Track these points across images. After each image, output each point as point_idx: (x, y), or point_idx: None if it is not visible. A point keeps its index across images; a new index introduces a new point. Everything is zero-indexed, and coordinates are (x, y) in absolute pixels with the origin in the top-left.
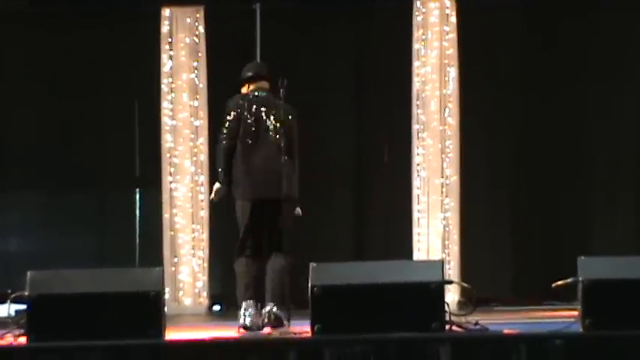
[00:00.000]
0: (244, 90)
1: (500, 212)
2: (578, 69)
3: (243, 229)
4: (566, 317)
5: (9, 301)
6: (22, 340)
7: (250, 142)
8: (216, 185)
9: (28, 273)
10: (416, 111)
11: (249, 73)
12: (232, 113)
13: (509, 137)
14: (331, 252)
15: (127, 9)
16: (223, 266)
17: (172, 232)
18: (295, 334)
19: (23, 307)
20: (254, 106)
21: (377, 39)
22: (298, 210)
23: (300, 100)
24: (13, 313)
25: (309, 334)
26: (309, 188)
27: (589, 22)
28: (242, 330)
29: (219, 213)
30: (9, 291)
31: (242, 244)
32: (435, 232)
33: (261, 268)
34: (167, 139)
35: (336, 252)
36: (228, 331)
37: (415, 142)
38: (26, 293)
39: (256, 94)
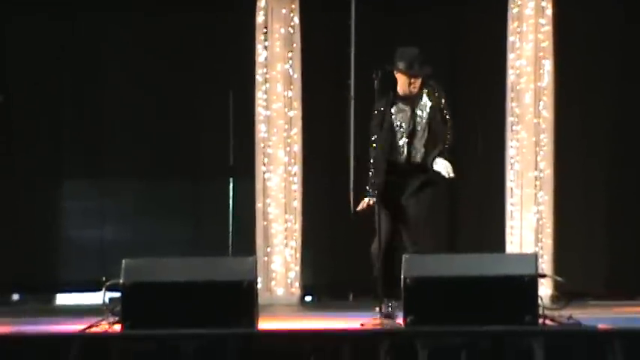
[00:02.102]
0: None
1: (595, 206)
2: None
3: None
4: None
5: (104, 288)
6: (117, 327)
7: None
8: None
9: (123, 261)
10: (510, 104)
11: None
12: None
13: (604, 130)
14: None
15: None
16: (316, 257)
17: (265, 222)
18: (388, 325)
19: (118, 294)
20: None
21: (472, 31)
22: None
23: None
24: (107, 301)
25: (402, 326)
26: None
27: None
28: None
29: (313, 204)
30: (104, 278)
31: None
32: (528, 225)
33: None
34: (261, 129)
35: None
36: (320, 322)
37: (509, 134)
38: (121, 281)
39: None
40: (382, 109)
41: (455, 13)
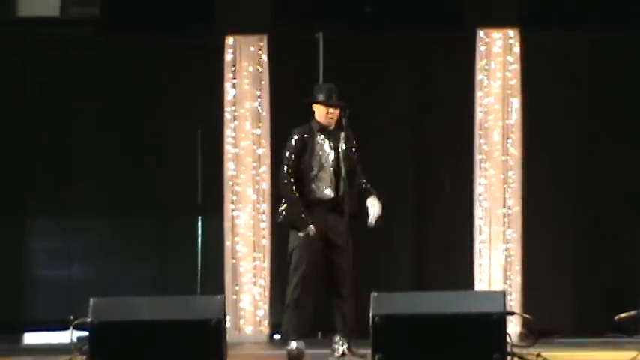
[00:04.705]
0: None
1: (563, 243)
2: None
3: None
4: (629, 350)
5: (71, 327)
6: None
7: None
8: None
9: (91, 300)
10: (478, 141)
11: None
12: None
13: (572, 168)
14: (392, 282)
15: (191, 37)
16: (284, 295)
17: (234, 260)
18: None
19: (85, 333)
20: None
21: (439, 68)
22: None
23: (361, 129)
24: (75, 340)
25: None
26: None
27: None
28: None
29: (281, 242)
30: (71, 317)
31: None
32: (496, 262)
33: None
34: (229, 167)
35: (398, 282)
36: None
37: (477, 172)
38: (88, 320)
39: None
40: (303, 138)
41: (423, 50)
